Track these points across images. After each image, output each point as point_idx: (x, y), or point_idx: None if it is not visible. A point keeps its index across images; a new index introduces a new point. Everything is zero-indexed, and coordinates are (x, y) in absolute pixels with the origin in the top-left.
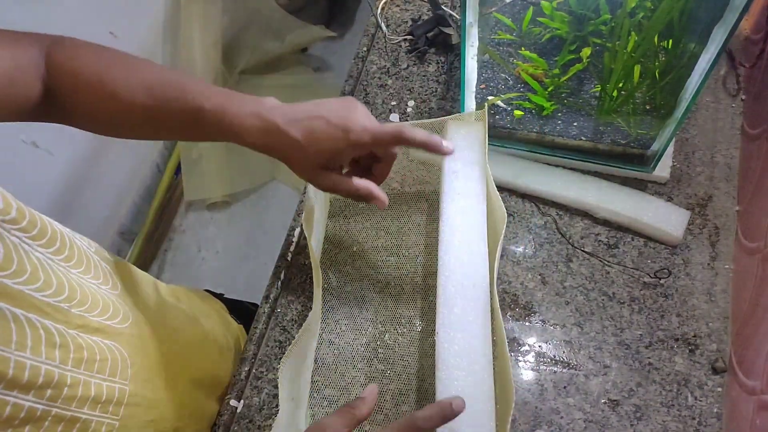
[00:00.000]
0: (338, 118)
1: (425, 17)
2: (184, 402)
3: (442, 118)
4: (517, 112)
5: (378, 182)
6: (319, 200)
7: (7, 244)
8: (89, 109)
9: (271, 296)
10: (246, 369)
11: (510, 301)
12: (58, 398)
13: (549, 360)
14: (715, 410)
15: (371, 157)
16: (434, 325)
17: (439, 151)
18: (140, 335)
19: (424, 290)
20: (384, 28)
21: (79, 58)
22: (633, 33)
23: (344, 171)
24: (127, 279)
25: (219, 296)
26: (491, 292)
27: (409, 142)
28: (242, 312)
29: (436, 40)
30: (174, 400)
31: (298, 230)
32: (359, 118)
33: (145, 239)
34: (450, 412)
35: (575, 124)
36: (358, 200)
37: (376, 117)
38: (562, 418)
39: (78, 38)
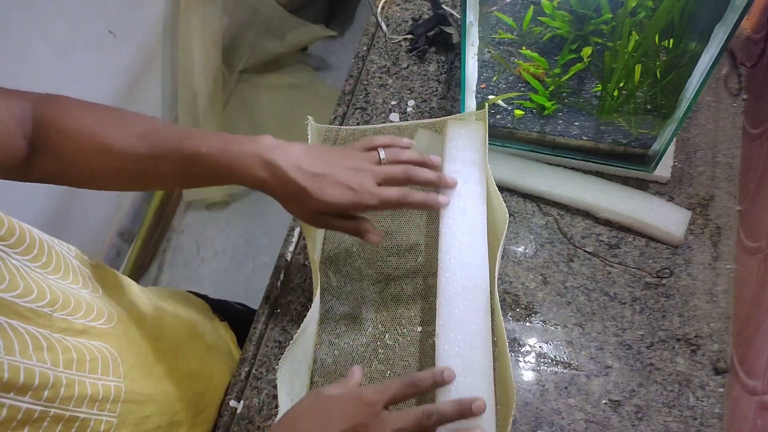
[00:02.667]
0: (349, 182)
1: (426, 16)
2: (181, 396)
3: (443, 118)
4: (518, 112)
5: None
6: None
7: None
8: (83, 164)
9: (271, 296)
10: (246, 369)
11: (511, 302)
12: (56, 398)
13: (550, 360)
14: (716, 410)
15: None
16: (434, 326)
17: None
18: (127, 334)
19: (425, 290)
20: (384, 27)
21: (69, 113)
22: (634, 32)
23: None
24: (107, 281)
25: (204, 297)
26: (492, 292)
27: (412, 206)
28: (228, 313)
29: (436, 39)
30: (170, 394)
31: (297, 230)
32: (367, 182)
33: (144, 240)
34: (467, 411)
35: (576, 123)
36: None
37: (377, 116)
38: (563, 418)
39: (65, 96)
